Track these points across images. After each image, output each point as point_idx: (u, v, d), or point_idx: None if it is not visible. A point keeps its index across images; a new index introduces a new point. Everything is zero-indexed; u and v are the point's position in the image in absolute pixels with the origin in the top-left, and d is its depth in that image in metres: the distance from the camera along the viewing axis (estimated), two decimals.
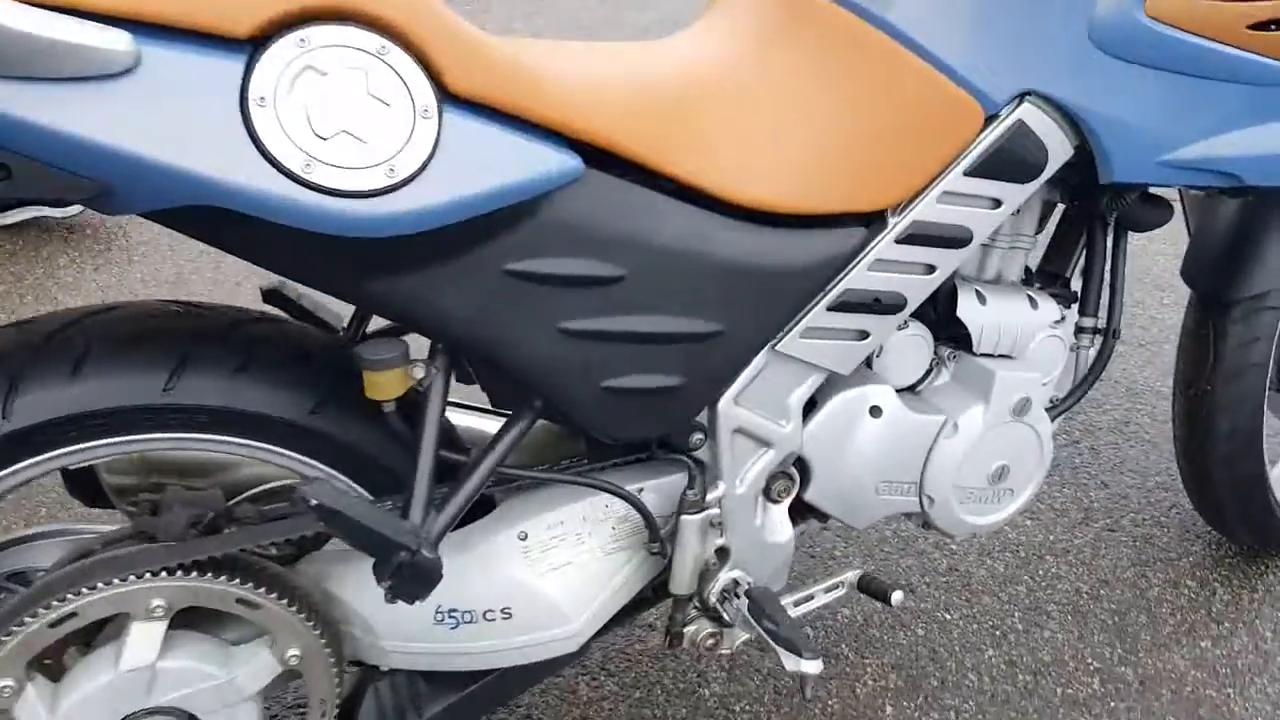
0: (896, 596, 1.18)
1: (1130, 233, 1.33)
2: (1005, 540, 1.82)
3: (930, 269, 1.07)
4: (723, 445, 1.06)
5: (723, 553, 1.10)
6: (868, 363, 1.19)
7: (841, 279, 1.03)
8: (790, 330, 1.04)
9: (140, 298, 2.01)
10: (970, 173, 1.04)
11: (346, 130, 0.73)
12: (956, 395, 1.21)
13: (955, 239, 1.07)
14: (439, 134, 0.77)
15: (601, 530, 1.04)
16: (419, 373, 0.90)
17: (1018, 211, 1.24)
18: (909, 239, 1.04)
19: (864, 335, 1.08)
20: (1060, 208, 1.35)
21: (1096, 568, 1.78)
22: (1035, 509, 1.90)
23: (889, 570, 1.74)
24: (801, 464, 1.15)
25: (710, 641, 1.13)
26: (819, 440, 1.13)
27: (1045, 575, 1.75)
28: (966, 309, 1.19)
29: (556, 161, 0.83)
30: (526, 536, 1.01)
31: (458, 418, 1.15)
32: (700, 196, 0.95)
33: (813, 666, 0.99)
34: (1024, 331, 1.22)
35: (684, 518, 1.04)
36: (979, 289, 1.21)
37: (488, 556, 0.99)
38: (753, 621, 1.05)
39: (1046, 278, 1.40)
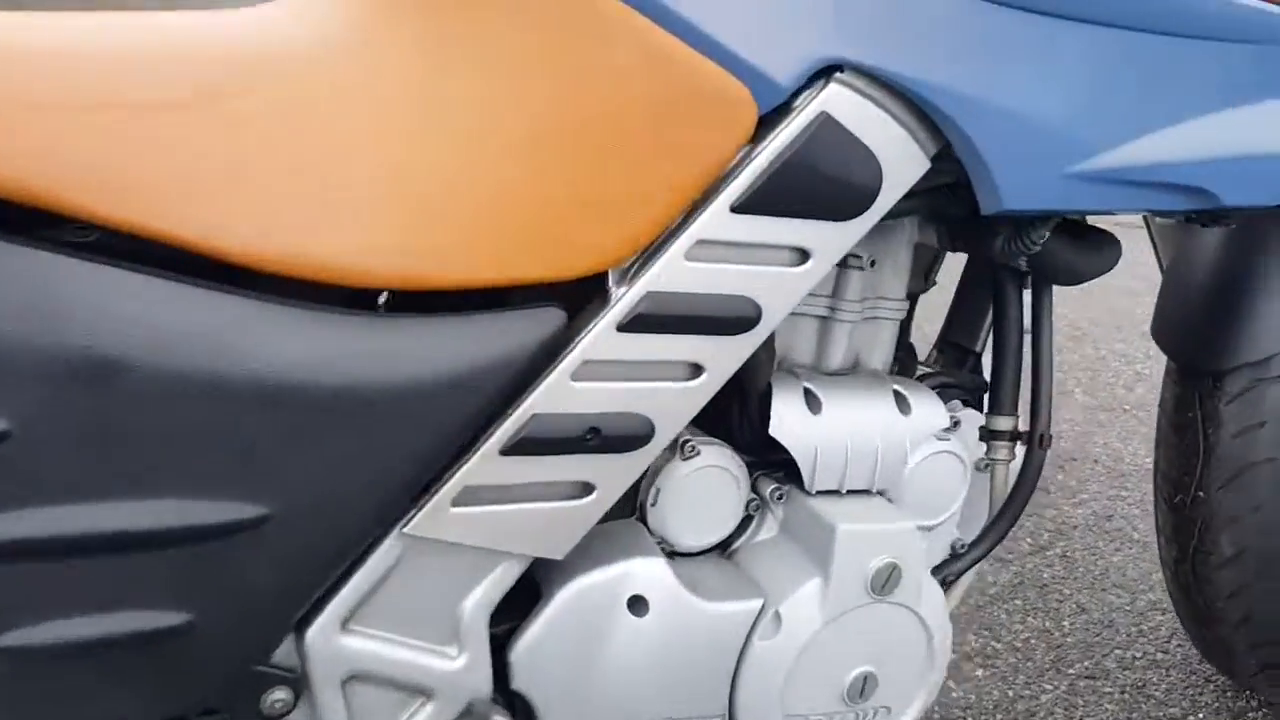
0: None
1: (1057, 286, 0.88)
2: (946, 699, 1.34)
3: (694, 371, 0.63)
4: (325, 707, 0.60)
5: None
6: (639, 513, 0.74)
7: (523, 401, 0.59)
8: (430, 499, 0.58)
9: None
10: (743, 208, 0.60)
11: None
12: (780, 564, 0.75)
13: (728, 319, 0.62)
14: None
15: None
16: None
17: (872, 263, 0.80)
18: (641, 324, 0.60)
19: (585, 490, 0.63)
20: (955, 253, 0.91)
21: None
22: (989, 648, 1.42)
23: None
24: (522, 703, 0.69)
25: None
26: (539, 665, 0.67)
27: None
28: (785, 421, 0.73)
29: None
30: None
31: None
32: (220, 267, 0.51)
33: None
34: (890, 450, 0.77)
35: None
36: (810, 386, 0.76)
37: None
38: None
39: (953, 355, 0.95)
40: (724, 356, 0.63)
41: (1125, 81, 0.65)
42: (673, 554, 0.75)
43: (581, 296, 0.60)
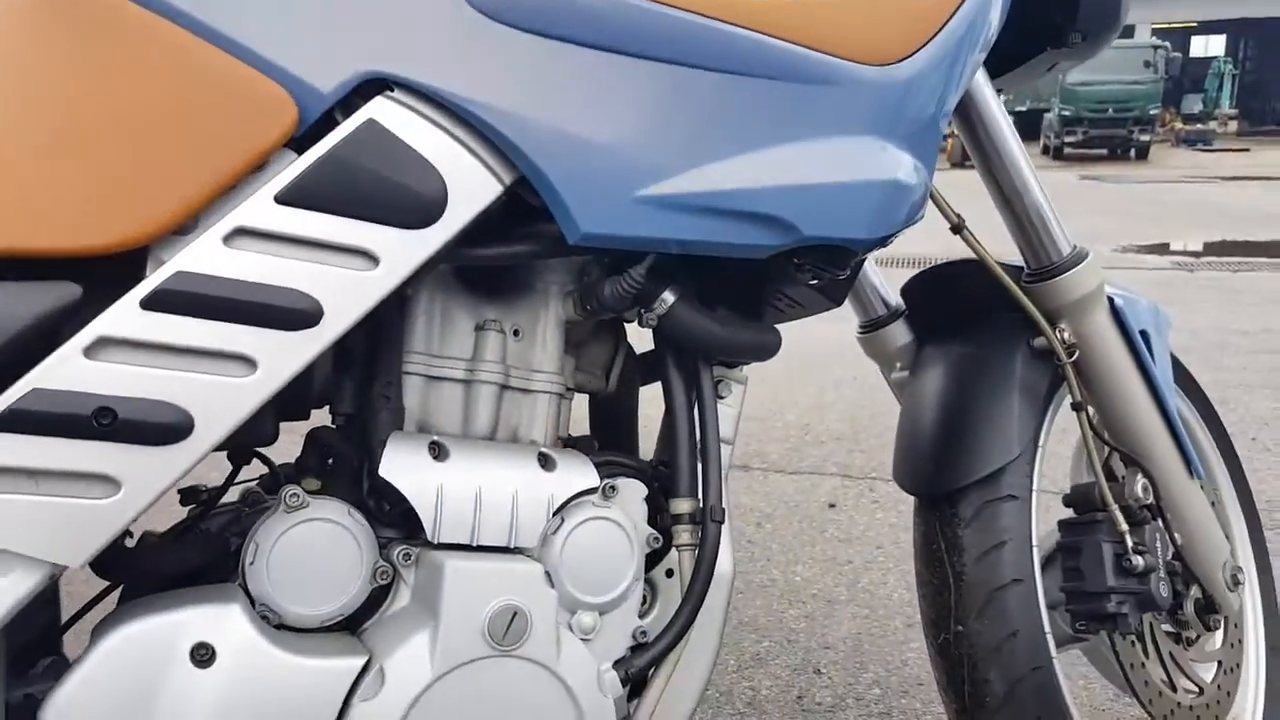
0: None
1: (726, 376, 0.90)
2: None
3: (243, 365, 0.61)
4: None
5: None
6: (241, 578, 0.68)
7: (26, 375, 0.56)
8: None
9: None
10: (288, 199, 0.63)
11: None
12: (398, 622, 0.68)
13: (278, 311, 0.62)
14: None
15: None
16: None
17: (515, 332, 0.82)
18: (167, 302, 0.59)
19: (106, 485, 0.58)
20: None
21: None
22: None
23: None
24: None
25: None
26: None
27: None
28: (400, 465, 0.70)
29: None
30: None
31: None
32: None
33: None
34: (530, 505, 0.73)
35: None
36: (439, 440, 0.74)
37: None
38: None
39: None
40: (280, 353, 0.62)
41: (685, 112, 0.71)
42: (281, 628, 0.68)
43: (81, 273, 0.59)
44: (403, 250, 0.65)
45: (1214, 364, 3.61)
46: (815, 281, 0.84)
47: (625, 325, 0.93)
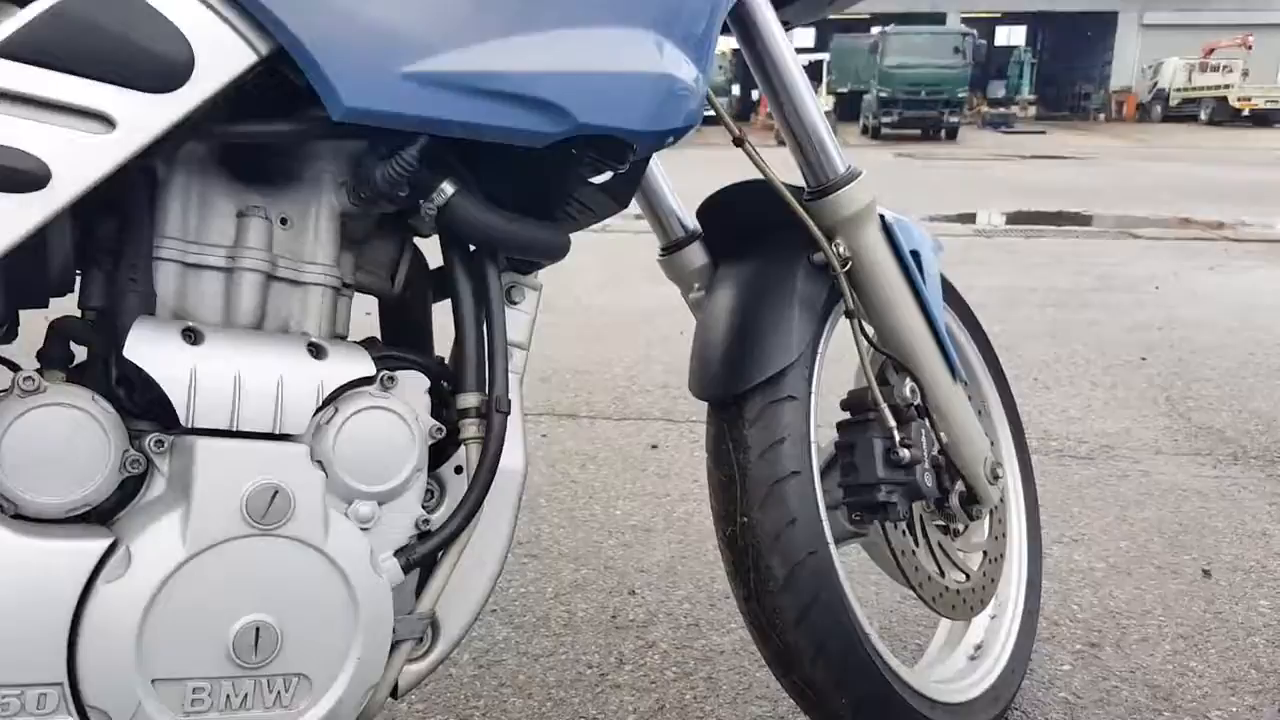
0: None
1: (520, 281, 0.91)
2: None
3: None
4: None
5: None
6: None
7: None
8: None
9: None
10: (10, 53, 0.59)
11: None
12: (150, 508, 0.66)
13: None
14: None
15: None
16: None
17: (283, 221, 0.79)
18: None
19: None
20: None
21: None
22: None
23: None
24: None
25: None
26: None
27: None
28: (147, 346, 0.67)
29: None
30: None
31: None
32: None
33: None
34: (296, 391, 0.72)
35: None
36: (195, 325, 0.71)
37: None
38: None
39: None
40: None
41: None
42: (20, 519, 0.64)
43: None
44: (141, 114, 0.62)
45: (1004, 317, 3.92)
46: (596, 178, 0.85)
47: (415, 235, 0.92)
